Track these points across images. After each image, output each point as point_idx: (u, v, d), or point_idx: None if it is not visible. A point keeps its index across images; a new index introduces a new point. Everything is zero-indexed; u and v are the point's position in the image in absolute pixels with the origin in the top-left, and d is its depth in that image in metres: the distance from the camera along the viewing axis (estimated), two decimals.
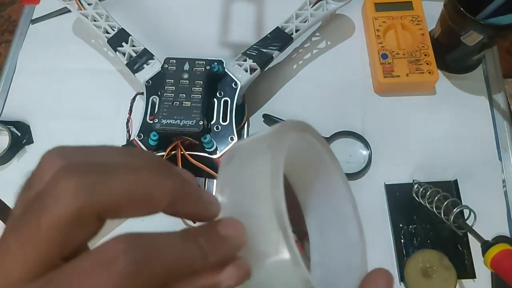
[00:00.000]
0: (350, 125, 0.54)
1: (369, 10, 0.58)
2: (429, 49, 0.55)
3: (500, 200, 0.50)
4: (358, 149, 0.53)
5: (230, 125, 0.48)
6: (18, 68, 0.61)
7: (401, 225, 0.49)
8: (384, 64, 0.54)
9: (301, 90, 0.57)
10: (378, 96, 0.56)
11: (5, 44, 1.41)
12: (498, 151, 0.52)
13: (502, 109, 0.55)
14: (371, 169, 0.52)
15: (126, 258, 0.15)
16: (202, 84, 0.47)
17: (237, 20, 0.62)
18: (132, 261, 0.15)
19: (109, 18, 0.55)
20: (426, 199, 0.47)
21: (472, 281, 0.47)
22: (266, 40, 0.53)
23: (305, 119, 0.47)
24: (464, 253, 0.47)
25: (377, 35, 0.56)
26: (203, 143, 0.46)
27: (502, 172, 0.51)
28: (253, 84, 0.53)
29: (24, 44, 0.62)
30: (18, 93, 0.59)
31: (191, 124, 0.45)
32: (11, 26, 1.43)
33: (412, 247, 0.48)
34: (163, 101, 0.46)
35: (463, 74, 0.57)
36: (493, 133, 0.53)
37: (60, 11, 0.64)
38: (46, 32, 0.63)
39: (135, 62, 0.51)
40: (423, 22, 0.56)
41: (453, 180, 0.51)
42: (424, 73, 0.53)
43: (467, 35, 0.49)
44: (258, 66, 0.51)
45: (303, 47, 0.60)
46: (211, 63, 0.48)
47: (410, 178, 0.50)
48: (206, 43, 0.60)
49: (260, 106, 0.56)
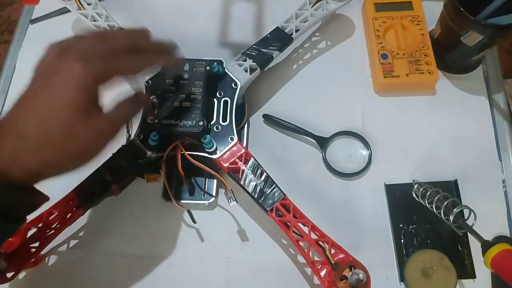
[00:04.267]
0: (350, 125, 0.54)
1: (369, 10, 0.58)
2: (429, 49, 0.55)
3: (500, 200, 0.50)
4: (358, 149, 0.53)
5: (230, 125, 0.48)
6: (18, 68, 0.61)
7: (401, 225, 0.49)
8: (384, 64, 0.54)
9: (301, 90, 0.57)
10: (378, 96, 0.56)
11: (5, 44, 1.41)
12: (498, 151, 0.52)
13: (502, 109, 0.55)
14: (371, 169, 0.52)
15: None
16: (202, 84, 0.47)
17: (237, 20, 0.62)
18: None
19: (109, 18, 0.55)
20: (426, 199, 0.47)
21: (472, 281, 0.47)
22: (266, 40, 0.53)
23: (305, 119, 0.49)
24: (464, 253, 0.47)
25: (377, 35, 0.56)
26: (203, 143, 0.46)
27: (502, 172, 0.51)
28: (253, 84, 0.52)
29: (24, 44, 0.62)
30: (18, 93, 0.59)
31: (191, 124, 0.45)
32: (11, 26, 1.42)
33: (412, 247, 0.48)
34: (163, 101, 0.46)
35: (463, 74, 0.57)
36: (493, 133, 0.53)
37: (59, 11, 0.64)
38: (46, 32, 0.63)
39: None
40: (423, 22, 0.56)
41: (453, 180, 0.51)
42: (424, 73, 0.53)
43: (467, 35, 0.49)
44: (258, 66, 0.51)
45: (303, 47, 0.60)
46: (211, 63, 0.48)
47: (410, 178, 0.50)
48: (206, 43, 0.60)
49: (260, 106, 0.56)
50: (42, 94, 0.32)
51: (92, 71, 0.32)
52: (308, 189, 0.51)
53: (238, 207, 0.50)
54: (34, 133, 0.31)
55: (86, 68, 0.32)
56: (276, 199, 0.44)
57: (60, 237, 0.47)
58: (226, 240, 0.49)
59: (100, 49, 0.34)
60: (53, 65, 0.33)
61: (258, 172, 0.46)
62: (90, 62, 0.32)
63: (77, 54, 0.33)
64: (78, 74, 0.32)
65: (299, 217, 0.44)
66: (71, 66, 0.32)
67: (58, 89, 0.32)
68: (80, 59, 0.32)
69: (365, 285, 0.40)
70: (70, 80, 0.32)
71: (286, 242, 0.49)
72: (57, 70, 0.32)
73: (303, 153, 0.53)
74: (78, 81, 0.32)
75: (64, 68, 0.32)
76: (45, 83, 0.32)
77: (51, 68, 0.33)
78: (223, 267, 0.48)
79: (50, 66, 0.33)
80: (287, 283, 0.47)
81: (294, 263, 0.48)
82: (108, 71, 0.34)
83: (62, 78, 0.32)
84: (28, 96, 0.33)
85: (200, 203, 0.50)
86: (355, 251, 0.43)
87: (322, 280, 0.42)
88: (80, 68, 0.32)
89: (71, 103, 0.32)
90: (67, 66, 0.32)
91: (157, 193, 0.50)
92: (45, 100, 0.32)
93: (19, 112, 0.32)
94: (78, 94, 0.32)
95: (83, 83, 0.32)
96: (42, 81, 0.33)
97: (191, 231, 0.50)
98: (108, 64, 0.34)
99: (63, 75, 0.32)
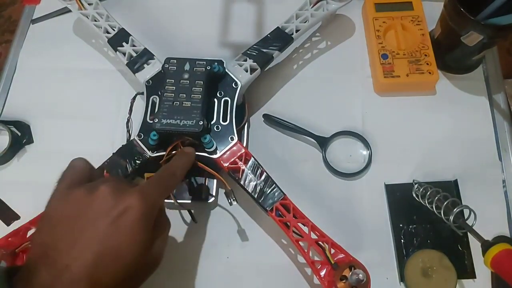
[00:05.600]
0: (350, 125, 0.54)
1: (369, 10, 0.58)
2: (429, 49, 0.55)
3: (500, 200, 0.50)
4: (358, 149, 0.53)
5: (230, 125, 0.48)
6: (19, 68, 0.61)
7: (401, 225, 0.49)
8: (384, 64, 0.54)
9: (301, 90, 0.57)
10: (378, 96, 0.56)
11: (6, 44, 1.41)
12: (498, 151, 0.52)
13: (502, 109, 0.55)
14: (371, 169, 0.52)
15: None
16: (203, 84, 0.47)
17: (237, 20, 0.62)
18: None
19: (110, 18, 0.55)
20: (426, 199, 0.47)
21: (472, 281, 0.47)
22: (266, 40, 0.53)
23: (305, 119, 0.49)
24: (464, 253, 0.47)
25: (377, 35, 0.56)
26: (203, 143, 0.46)
27: (502, 172, 0.51)
28: (253, 84, 0.53)
29: (25, 44, 0.62)
30: (19, 93, 0.59)
31: (191, 124, 0.45)
32: (12, 26, 1.43)
33: (412, 247, 0.48)
34: (163, 101, 0.46)
35: (463, 74, 0.57)
36: (493, 133, 0.53)
37: (60, 11, 0.64)
38: (47, 32, 0.63)
39: (136, 62, 0.51)
40: (423, 22, 0.56)
41: (453, 180, 0.51)
42: (424, 73, 0.53)
43: (467, 35, 0.49)
44: (258, 66, 0.51)
45: (303, 47, 0.60)
46: (212, 63, 0.48)
47: (410, 178, 0.50)
48: (207, 43, 0.61)
49: (260, 106, 0.56)
50: (103, 232, 0.30)
51: (150, 204, 0.32)
52: (308, 189, 0.51)
53: (238, 207, 0.50)
54: (105, 277, 0.29)
55: (145, 201, 0.31)
56: (276, 199, 0.44)
57: None
58: (226, 240, 0.49)
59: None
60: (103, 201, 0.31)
61: (258, 172, 0.46)
62: (144, 193, 0.32)
63: (127, 188, 0.32)
64: (139, 211, 0.31)
65: (299, 217, 0.44)
66: (129, 202, 0.31)
67: (120, 227, 0.30)
68: (134, 193, 0.31)
69: (365, 285, 0.40)
70: (131, 218, 0.30)
71: (286, 242, 0.49)
72: (112, 207, 0.31)
73: (303, 153, 0.53)
74: (140, 217, 0.30)
75: (120, 205, 0.31)
76: (99, 221, 0.30)
77: (99, 205, 0.31)
78: (223, 267, 0.48)
79: (100, 204, 0.31)
80: (287, 283, 0.47)
81: (294, 263, 0.48)
82: (160, 198, 0.35)
83: (122, 216, 0.30)
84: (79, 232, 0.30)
85: (200, 203, 0.50)
86: (355, 251, 0.43)
87: (322, 280, 0.42)
88: (140, 202, 0.31)
89: (138, 242, 0.30)
90: (123, 203, 0.31)
91: None
92: (108, 240, 0.30)
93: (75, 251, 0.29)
94: (143, 232, 0.31)
95: (146, 218, 0.31)
96: (92, 218, 0.31)
97: (191, 230, 0.50)
98: (159, 191, 0.34)
99: (121, 212, 0.30)
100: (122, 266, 0.30)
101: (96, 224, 0.30)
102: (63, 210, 0.32)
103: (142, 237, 0.31)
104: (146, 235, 0.31)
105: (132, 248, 0.30)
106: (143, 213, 0.31)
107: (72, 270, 0.29)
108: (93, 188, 0.32)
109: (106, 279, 0.29)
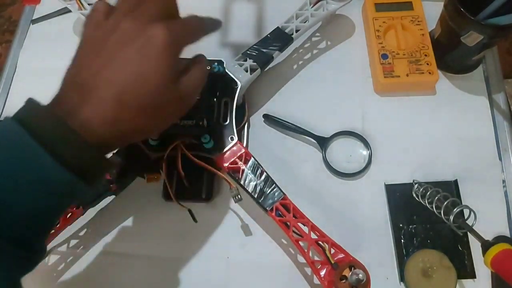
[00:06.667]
0: (350, 125, 0.54)
1: (369, 10, 0.58)
2: (429, 49, 0.55)
3: (500, 200, 0.50)
4: (358, 149, 0.53)
5: (230, 125, 0.48)
6: (19, 68, 0.61)
7: (401, 225, 0.49)
8: (384, 64, 0.54)
9: (301, 90, 0.57)
10: (378, 96, 0.56)
11: (6, 44, 1.41)
12: (498, 151, 0.52)
13: (502, 109, 0.55)
14: (371, 169, 0.52)
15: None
16: None
17: (237, 20, 0.62)
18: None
19: None
20: (426, 199, 0.47)
21: (472, 281, 0.47)
22: (266, 40, 0.53)
23: (305, 119, 0.49)
24: (464, 253, 0.47)
25: (377, 35, 0.56)
26: (203, 143, 0.46)
27: (502, 172, 0.51)
28: (253, 84, 0.53)
29: (25, 44, 0.62)
30: (19, 93, 0.59)
31: (191, 124, 0.45)
32: (12, 26, 1.43)
33: (412, 247, 0.48)
34: None
35: (463, 74, 0.57)
36: (493, 133, 0.53)
37: (60, 11, 0.64)
38: (47, 32, 0.63)
39: None
40: (423, 23, 0.56)
41: (453, 180, 0.51)
42: (424, 73, 0.53)
43: (467, 35, 0.49)
44: (258, 66, 0.51)
45: (303, 47, 0.60)
46: (212, 63, 0.48)
47: (410, 178, 0.50)
48: (206, 43, 0.60)
49: (260, 106, 0.56)
50: (129, 58, 0.31)
51: (175, 36, 0.32)
52: (308, 189, 0.51)
53: (238, 207, 0.50)
54: (131, 100, 0.30)
55: (170, 33, 0.31)
56: (276, 199, 0.44)
57: (60, 237, 0.48)
58: (226, 240, 0.49)
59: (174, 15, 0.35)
60: (128, 27, 0.31)
61: (258, 172, 0.46)
62: (171, 26, 0.32)
63: (153, 16, 0.32)
64: (163, 40, 0.31)
65: (299, 217, 0.44)
66: (154, 31, 0.31)
67: (145, 54, 0.30)
68: (160, 23, 0.31)
69: (365, 285, 0.40)
70: (156, 46, 0.31)
71: (286, 242, 0.49)
72: (136, 33, 0.31)
73: (303, 153, 0.53)
74: (165, 47, 0.31)
75: (146, 32, 0.31)
76: (125, 47, 0.31)
77: (126, 30, 0.31)
78: (223, 266, 0.48)
79: (126, 29, 0.31)
80: (287, 283, 0.47)
81: (294, 263, 0.48)
82: (187, 36, 0.34)
83: (147, 44, 0.31)
84: (106, 58, 0.31)
85: (200, 203, 0.50)
86: (355, 251, 0.43)
87: (322, 280, 0.42)
88: (164, 32, 0.31)
89: (161, 70, 0.31)
90: (150, 30, 0.31)
91: (158, 193, 0.50)
92: (133, 65, 0.30)
93: (103, 74, 0.31)
94: (167, 61, 0.31)
95: (170, 49, 0.31)
96: (118, 44, 0.31)
97: (191, 230, 0.50)
98: (185, 28, 0.34)
99: (147, 40, 0.31)
100: (147, 91, 0.31)
101: (123, 50, 0.31)
102: (94, 36, 0.33)
103: (166, 66, 0.31)
104: (170, 66, 0.31)
105: (155, 75, 0.31)
106: (167, 43, 0.31)
107: (100, 91, 0.30)
108: (121, 17, 0.32)
109: (131, 101, 0.30)
